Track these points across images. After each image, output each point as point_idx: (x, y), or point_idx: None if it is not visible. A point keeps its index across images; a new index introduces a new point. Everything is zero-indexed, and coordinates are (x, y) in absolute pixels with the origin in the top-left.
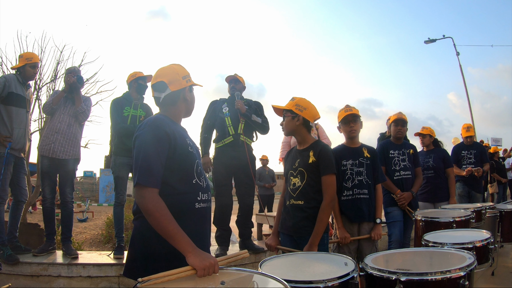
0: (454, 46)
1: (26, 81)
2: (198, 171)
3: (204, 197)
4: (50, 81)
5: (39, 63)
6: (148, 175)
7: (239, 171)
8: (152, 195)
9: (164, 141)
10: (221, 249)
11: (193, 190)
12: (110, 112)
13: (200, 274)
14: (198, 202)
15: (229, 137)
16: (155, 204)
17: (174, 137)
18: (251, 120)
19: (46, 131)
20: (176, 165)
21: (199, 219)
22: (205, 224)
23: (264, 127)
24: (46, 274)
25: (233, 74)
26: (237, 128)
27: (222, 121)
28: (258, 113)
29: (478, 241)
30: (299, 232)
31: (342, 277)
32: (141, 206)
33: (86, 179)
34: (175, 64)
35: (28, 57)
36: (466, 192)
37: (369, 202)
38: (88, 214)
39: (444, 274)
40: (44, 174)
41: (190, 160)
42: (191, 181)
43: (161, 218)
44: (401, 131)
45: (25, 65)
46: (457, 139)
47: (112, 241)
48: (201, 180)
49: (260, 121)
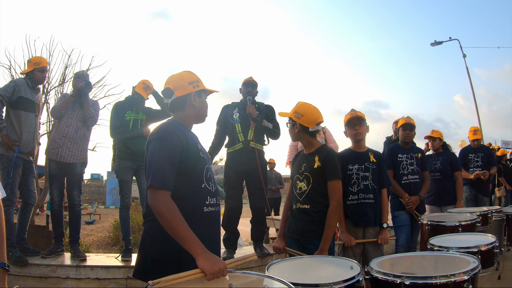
0: (461, 48)
1: (35, 85)
2: (207, 176)
3: (213, 201)
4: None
5: (47, 67)
6: (161, 177)
7: (249, 176)
8: (165, 197)
9: (177, 146)
10: (228, 251)
11: (201, 194)
12: (110, 116)
13: (209, 278)
14: (206, 206)
15: (239, 144)
16: (167, 206)
17: (186, 142)
18: (261, 126)
19: (53, 135)
20: (186, 169)
21: (208, 223)
22: (213, 228)
23: (275, 132)
24: (55, 275)
25: (249, 77)
26: (247, 135)
27: (232, 127)
28: (269, 117)
29: (483, 245)
30: (305, 236)
31: (348, 281)
32: (153, 207)
33: (93, 182)
34: (185, 71)
35: (36, 62)
36: (473, 196)
37: (375, 207)
38: (95, 216)
39: (448, 278)
40: (52, 177)
41: (200, 165)
42: (200, 186)
43: (173, 220)
44: (409, 135)
45: (33, 69)
46: (464, 142)
47: (119, 244)
48: (210, 185)
49: (271, 126)
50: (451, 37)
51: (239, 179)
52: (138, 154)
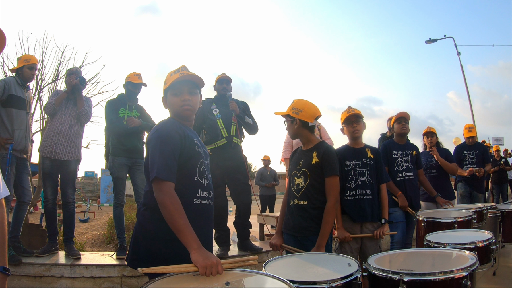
0: (455, 46)
1: (25, 83)
2: (200, 169)
3: (204, 194)
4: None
5: (37, 65)
6: (166, 170)
7: (234, 171)
8: (170, 189)
9: (177, 140)
10: (222, 249)
11: (193, 186)
12: (105, 113)
13: (202, 272)
14: (197, 199)
15: (222, 140)
16: (171, 199)
17: (184, 137)
18: (243, 122)
19: (47, 132)
20: (181, 162)
21: (198, 216)
22: (203, 221)
23: (254, 127)
24: (49, 274)
25: (222, 73)
26: (230, 130)
27: (213, 123)
28: (246, 113)
29: (480, 242)
30: (302, 233)
31: (346, 278)
32: (158, 198)
33: (87, 179)
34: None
35: (26, 59)
36: (468, 192)
37: (372, 203)
38: (90, 214)
39: (446, 275)
40: (46, 175)
41: (195, 158)
42: (193, 178)
43: (175, 211)
44: (405, 127)
45: (23, 66)
46: (458, 139)
47: (114, 242)
48: (203, 179)
49: (251, 122)
50: (445, 35)
51: (223, 176)
52: (133, 150)
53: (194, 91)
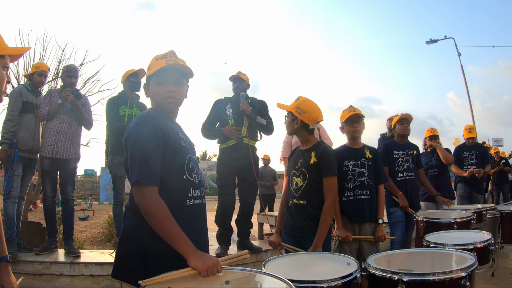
0: (456, 47)
1: (35, 89)
2: (189, 166)
3: (196, 194)
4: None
5: (47, 72)
6: (147, 172)
7: (242, 171)
8: (153, 195)
9: (159, 135)
10: (222, 248)
11: (183, 186)
12: (106, 111)
13: (204, 275)
14: (189, 199)
15: (233, 140)
16: (158, 206)
17: (168, 131)
18: (255, 122)
19: (47, 131)
20: (167, 160)
21: (191, 217)
22: (198, 222)
23: (268, 128)
24: (48, 272)
25: (236, 72)
26: (241, 131)
27: (225, 123)
28: (262, 113)
29: (479, 242)
30: (301, 232)
31: (345, 277)
32: (142, 207)
33: (87, 178)
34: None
35: (37, 66)
36: (467, 193)
37: (371, 203)
38: (89, 212)
39: (445, 275)
40: (45, 173)
41: (182, 155)
42: (182, 177)
43: (164, 220)
44: (407, 129)
45: (34, 73)
46: (458, 140)
47: (113, 240)
48: (193, 176)
49: (265, 122)
50: (446, 36)
51: (232, 175)
52: None
53: (181, 82)
